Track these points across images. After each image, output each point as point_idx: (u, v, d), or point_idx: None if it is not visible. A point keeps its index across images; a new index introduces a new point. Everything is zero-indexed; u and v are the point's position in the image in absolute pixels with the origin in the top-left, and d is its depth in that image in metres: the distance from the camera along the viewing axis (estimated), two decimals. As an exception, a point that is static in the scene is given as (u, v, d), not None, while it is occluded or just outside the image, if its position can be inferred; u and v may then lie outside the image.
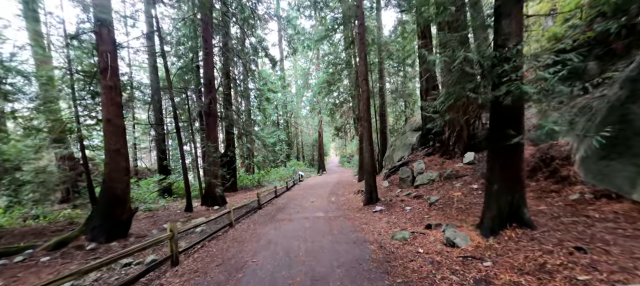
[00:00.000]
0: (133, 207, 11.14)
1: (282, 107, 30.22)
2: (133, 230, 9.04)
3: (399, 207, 8.11)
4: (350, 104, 27.17)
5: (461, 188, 7.48)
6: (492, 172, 4.58)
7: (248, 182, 20.81)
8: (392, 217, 7.26)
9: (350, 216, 8.14)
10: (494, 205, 4.47)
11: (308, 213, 9.12)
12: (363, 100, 9.51)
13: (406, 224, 6.33)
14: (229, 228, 7.85)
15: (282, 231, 6.85)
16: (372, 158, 9.43)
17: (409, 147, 15.16)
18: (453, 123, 9.70)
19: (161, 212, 12.66)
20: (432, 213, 6.62)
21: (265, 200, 12.44)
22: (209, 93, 12.49)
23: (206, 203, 12.61)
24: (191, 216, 10.54)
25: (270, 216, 9.15)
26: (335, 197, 12.86)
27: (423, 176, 9.32)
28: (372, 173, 9.42)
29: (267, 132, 24.97)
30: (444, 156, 10.02)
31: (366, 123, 9.44)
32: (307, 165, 34.17)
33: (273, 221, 8.27)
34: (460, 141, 9.53)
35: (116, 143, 8.37)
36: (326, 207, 10.20)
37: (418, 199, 8.21)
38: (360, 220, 7.44)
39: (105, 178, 8.29)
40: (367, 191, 9.50)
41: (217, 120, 12.88)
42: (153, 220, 10.67)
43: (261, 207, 10.95)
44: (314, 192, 14.85)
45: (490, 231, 4.42)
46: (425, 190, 8.55)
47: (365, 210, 8.71)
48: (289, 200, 12.95)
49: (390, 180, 11.64)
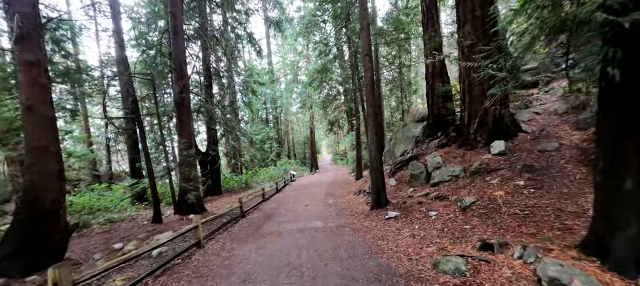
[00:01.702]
0: (75, 222, 8.80)
1: (271, 102, 27.94)
2: (73, 251, 6.78)
3: (418, 211, 6.19)
4: (342, 99, 25.32)
5: (501, 186, 5.64)
6: (618, 158, 2.66)
7: (234, 183, 18.53)
8: (414, 227, 5.33)
9: (357, 226, 6.17)
10: (632, 216, 2.57)
11: (302, 223, 7.09)
12: (366, 81, 7.55)
13: (442, 240, 4.41)
14: (197, 249, 5.72)
15: (266, 255, 4.80)
16: (379, 150, 7.51)
17: (412, 139, 13.34)
18: (475, 108, 7.88)
19: (125, 223, 10.33)
20: (474, 222, 4.73)
21: (250, 206, 10.31)
22: (179, 81, 10.22)
23: (180, 211, 10.36)
24: (157, 230, 8.31)
25: (254, 228, 7.06)
26: (332, 198, 10.87)
27: (442, 172, 7.46)
28: (379, 169, 7.49)
29: (255, 129, 22.71)
30: (464, 147, 8.20)
31: (371, 108, 7.49)
32: (299, 164, 32.05)
33: (256, 237, 6.20)
34: (484, 128, 7.73)
35: (41, 138, 6.10)
36: (324, 213, 8.20)
37: (442, 201, 6.33)
38: (373, 233, 5.47)
39: (26, 187, 6.00)
40: (373, 191, 7.56)
41: (190, 112, 10.63)
42: (109, 235, 8.38)
43: (244, 215, 8.83)
44: (308, 193, 12.82)
45: (636, 264, 2.51)
46: (449, 189, 6.68)
47: (374, 216, 6.76)
48: (279, 204, 10.88)
49: (398, 178, 9.76)
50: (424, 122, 13.66)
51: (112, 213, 12.32)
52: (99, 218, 11.20)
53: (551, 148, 6.40)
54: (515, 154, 6.76)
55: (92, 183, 19.55)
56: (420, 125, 13.58)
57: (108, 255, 6.39)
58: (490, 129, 7.70)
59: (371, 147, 7.58)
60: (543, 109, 8.81)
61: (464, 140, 8.35)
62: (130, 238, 7.63)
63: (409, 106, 21.36)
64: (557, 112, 8.16)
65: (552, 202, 4.43)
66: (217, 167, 15.86)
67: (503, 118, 7.68)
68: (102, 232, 8.98)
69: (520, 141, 7.34)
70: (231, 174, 20.82)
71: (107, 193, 17.77)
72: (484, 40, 6.71)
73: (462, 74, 8.19)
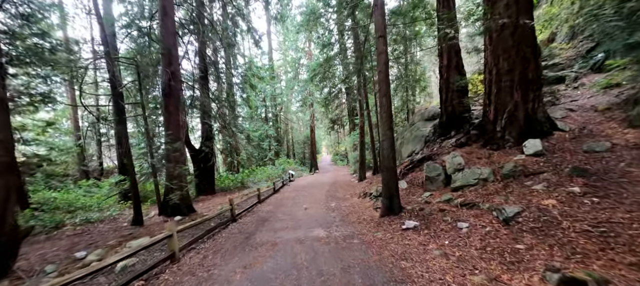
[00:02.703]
0: (29, 224, 7.59)
1: (271, 100, 26.76)
2: (28, 260, 5.60)
3: (442, 222, 5.04)
4: (344, 99, 24.14)
5: (549, 193, 4.50)
6: None
7: (229, 182, 17.34)
8: (443, 243, 4.19)
9: (368, 238, 5.01)
10: None
11: (302, 231, 5.92)
12: (379, 66, 6.40)
13: (489, 264, 3.26)
14: (170, 264, 4.54)
15: (255, 278, 3.64)
16: (392, 148, 6.36)
17: (421, 139, 12.22)
18: (503, 102, 6.75)
19: (103, 225, 9.14)
20: (528, 240, 3.58)
21: (244, 208, 9.13)
22: (168, 67, 9.05)
23: (164, 212, 9.17)
24: (133, 234, 7.12)
25: (245, 237, 5.89)
26: (335, 201, 9.71)
27: (465, 174, 6.31)
28: (391, 169, 6.33)
29: (254, 127, 21.52)
30: (489, 146, 7.06)
31: (385, 98, 6.34)
32: (298, 164, 30.85)
33: (246, 249, 5.03)
34: (514, 125, 6.59)
35: (-16, 123, 4.92)
36: (326, 218, 7.04)
37: (471, 209, 5.18)
38: (390, 248, 4.32)
39: (-39, 182, 4.81)
40: (385, 195, 6.41)
41: (179, 102, 9.45)
42: (78, 239, 7.18)
43: (236, 219, 7.65)
44: (308, 195, 11.66)
45: None
46: (477, 195, 5.53)
47: (387, 225, 5.61)
48: (276, 206, 9.71)
49: (409, 180, 8.60)
50: (435, 121, 12.53)
51: (92, 212, 11.14)
52: (76, 218, 10.02)
53: (601, 148, 5.27)
54: (556, 155, 5.62)
55: (80, 179, 18.38)
56: (430, 124, 12.46)
57: (65, 266, 5.20)
58: (522, 126, 6.56)
59: (383, 144, 6.42)
60: (577, 105, 7.69)
61: (489, 139, 7.21)
62: (99, 244, 6.45)
63: (414, 105, 20.23)
64: (596, 109, 7.03)
65: (636, 216, 3.29)
66: (211, 164, 14.67)
67: (536, 114, 6.55)
68: (72, 235, 7.78)
69: (557, 140, 6.21)
70: (227, 172, 19.64)
71: (94, 190, 16.64)
72: (525, 14, 5.58)
73: (488, 62, 7.05)
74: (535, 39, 6.50)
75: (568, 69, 9.70)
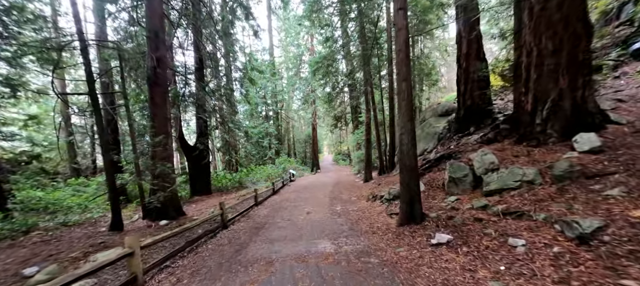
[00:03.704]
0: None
1: (272, 97, 25.61)
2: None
3: (483, 235, 3.90)
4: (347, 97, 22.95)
5: (635, 202, 3.34)
6: None
7: (227, 182, 16.21)
8: (497, 270, 3.05)
9: (388, 256, 3.88)
10: None
11: (304, 243, 4.79)
12: (399, 45, 5.25)
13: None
14: (130, 292, 3.41)
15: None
16: (413, 142, 5.21)
17: (433, 136, 11.06)
18: (544, 89, 5.58)
19: (80, 229, 8.03)
20: (635, 272, 2.41)
21: (239, 211, 8.00)
22: (154, 52, 7.93)
23: (149, 216, 8.05)
24: (107, 242, 5.99)
25: (235, 250, 4.76)
26: (340, 204, 8.57)
27: (501, 175, 5.15)
28: (412, 169, 5.19)
29: (253, 124, 20.40)
30: (525, 142, 5.90)
31: (405, 83, 5.20)
32: (299, 163, 29.69)
33: (233, 270, 3.89)
34: (558, 117, 5.44)
35: None
36: (332, 226, 5.90)
37: (519, 220, 4.03)
38: (425, 275, 3.19)
39: None
40: (403, 199, 5.26)
41: (166, 92, 8.33)
42: (44, 247, 6.06)
43: (227, 225, 6.51)
44: (310, 197, 10.52)
45: None
46: (523, 201, 4.37)
47: (409, 237, 4.48)
48: (275, 209, 8.57)
49: (425, 181, 7.44)
50: (449, 116, 11.38)
51: (73, 214, 10.04)
52: (53, 221, 8.92)
53: (683, 144, 4.10)
54: (621, 152, 4.46)
55: (71, 177, 17.31)
56: (444, 120, 11.31)
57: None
58: (568, 118, 5.40)
59: (402, 138, 5.27)
60: (626, 96, 6.52)
61: (526, 134, 6.04)
62: (62, 255, 5.33)
63: (421, 102, 19.06)
64: (654, 99, 5.87)
65: None
66: (206, 162, 13.55)
67: (586, 104, 5.39)
68: (40, 241, 6.66)
69: (615, 135, 5.05)
70: (224, 171, 18.51)
71: (84, 190, 15.55)
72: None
73: (526, 43, 5.88)
74: (587, 11, 5.34)
75: (604, 57, 8.53)
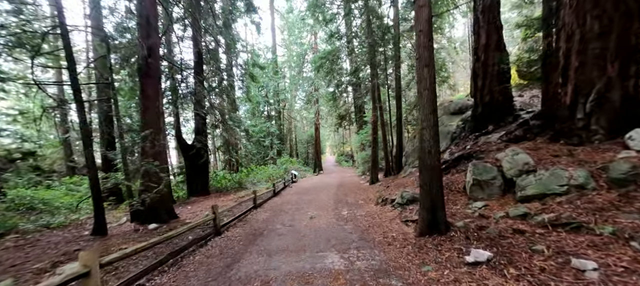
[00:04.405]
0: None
1: (274, 96, 24.89)
2: None
3: (535, 254, 3.11)
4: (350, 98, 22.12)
5: None
6: None
7: (227, 182, 15.46)
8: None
9: (415, 278, 3.09)
10: None
11: (307, 256, 4.00)
12: (420, 24, 4.46)
13: None
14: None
15: None
16: (436, 138, 4.42)
17: (446, 135, 10.24)
18: (588, 78, 4.76)
19: (62, 232, 7.31)
20: None
21: (235, 215, 7.23)
22: (145, 39, 7.22)
23: (138, 218, 7.31)
24: (84, 250, 5.23)
25: (226, 265, 3.98)
26: (346, 208, 7.77)
27: (541, 178, 4.33)
28: (435, 169, 4.40)
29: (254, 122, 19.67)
30: (564, 140, 5.09)
31: (427, 69, 4.41)
32: (302, 163, 28.90)
33: (220, 290, 3.11)
34: (605, 110, 4.63)
35: None
36: (340, 233, 5.11)
37: (576, 233, 3.23)
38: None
39: None
40: (424, 204, 4.46)
41: (159, 84, 7.61)
42: (9, 255, 5.32)
43: (220, 232, 5.73)
44: (313, 199, 9.73)
45: None
46: (576, 210, 3.56)
47: (435, 252, 3.68)
48: (275, 212, 7.79)
49: (444, 184, 6.60)
50: (462, 114, 10.56)
51: (60, 214, 9.32)
52: (37, 222, 8.20)
53: None
54: (695, 151, 3.62)
55: (67, 175, 16.67)
56: (457, 118, 10.49)
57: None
58: (618, 112, 4.58)
59: (424, 133, 4.47)
60: (677, 89, 5.67)
61: (563, 130, 5.22)
62: (29, 264, 4.58)
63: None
64: None
65: None
66: (204, 161, 12.82)
67: (639, 95, 4.56)
68: (13, 247, 5.95)
69: (676, 131, 4.20)
70: (224, 171, 17.77)
71: (79, 188, 14.89)
72: None
73: (565, 25, 5.07)
74: (642, -13, 4.52)
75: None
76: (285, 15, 29.28)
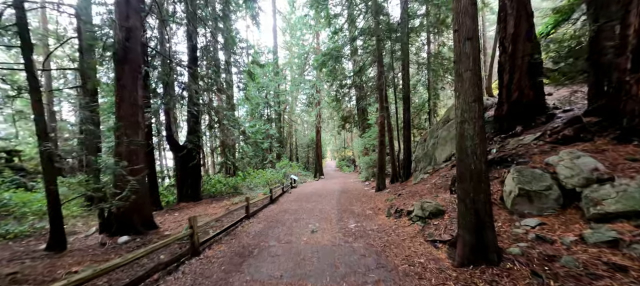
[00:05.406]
0: None
1: (274, 97, 23.83)
2: None
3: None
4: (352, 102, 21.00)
5: None
6: None
7: (221, 186, 14.27)
8: None
9: None
10: None
11: (309, 297, 2.80)
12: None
13: None
14: None
15: None
16: (482, 134, 3.30)
17: (463, 138, 9.07)
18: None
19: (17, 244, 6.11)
20: None
21: (224, 226, 6.04)
22: (124, 21, 6.14)
23: (107, 229, 6.13)
24: (22, 274, 4.04)
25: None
26: (353, 219, 6.57)
27: (623, 191, 3.19)
28: (479, 174, 3.25)
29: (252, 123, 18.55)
30: (638, 140, 3.95)
31: (470, 42, 3.31)
32: (302, 168, 27.69)
33: None
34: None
35: None
36: (350, 258, 3.92)
37: None
38: None
39: None
40: (467, 224, 3.30)
41: (138, 73, 6.47)
42: None
43: (199, 252, 4.53)
44: (314, 208, 8.53)
45: None
46: None
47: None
48: (270, 224, 6.58)
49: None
50: (487, 111, 9.41)
51: (26, 221, 8.13)
52: None
53: None
54: None
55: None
56: (475, 120, 9.35)
57: None
58: None
59: (464, 128, 3.33)
60: None
61: (634, 128, 4.06)
62: None
63: (434, 103, 17.14)
64: None
65: None
66: (196, 163, 11.64)
67: None
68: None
69: None
70: (219, 175, 16.58)
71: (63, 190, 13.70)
72: None
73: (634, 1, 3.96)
74: None
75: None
76: (287, 16, 28.51)
